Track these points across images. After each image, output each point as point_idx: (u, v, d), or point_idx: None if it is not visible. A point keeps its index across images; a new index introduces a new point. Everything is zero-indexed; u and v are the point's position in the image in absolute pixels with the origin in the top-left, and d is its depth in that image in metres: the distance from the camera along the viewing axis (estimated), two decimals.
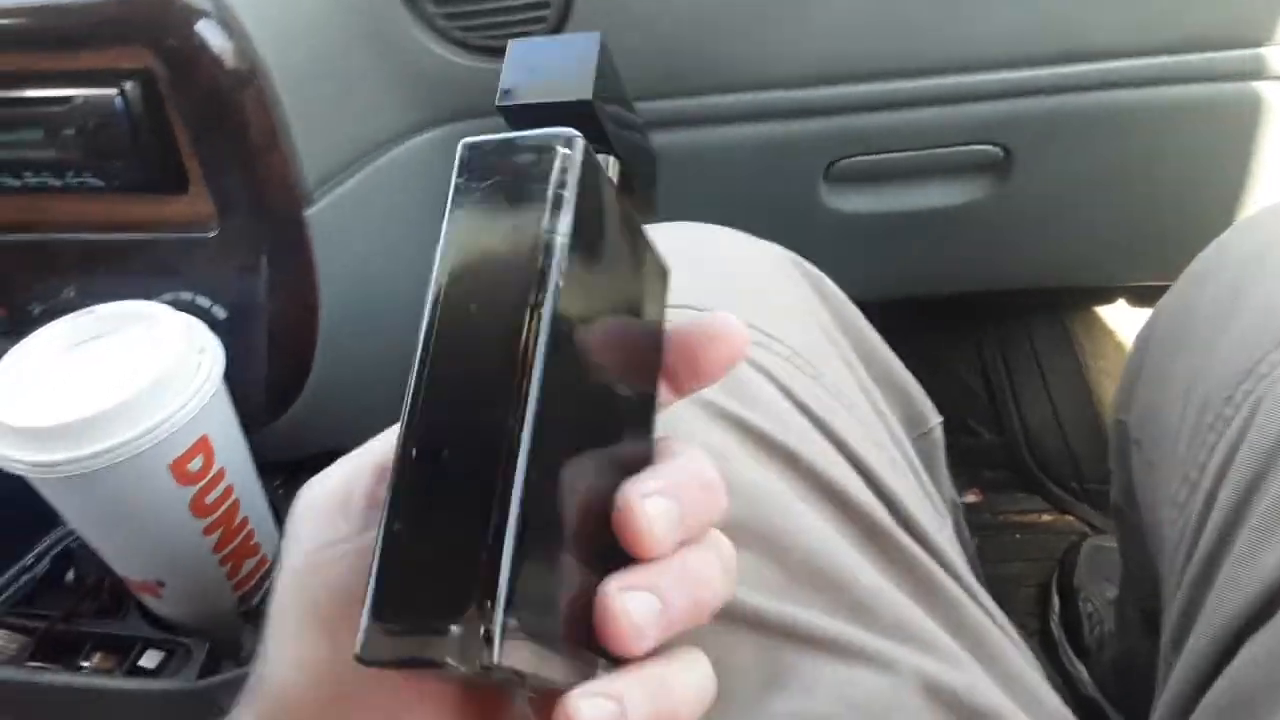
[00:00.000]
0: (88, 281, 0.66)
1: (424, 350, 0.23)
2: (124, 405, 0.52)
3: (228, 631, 0.65)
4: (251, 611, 0.65)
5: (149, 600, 0.64)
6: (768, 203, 0.79)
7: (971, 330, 1.14)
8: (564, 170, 0.22)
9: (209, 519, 0.59)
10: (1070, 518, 1.02)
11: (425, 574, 0.21)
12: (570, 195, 0.22)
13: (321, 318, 0.66)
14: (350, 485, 0.25)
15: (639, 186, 0.30)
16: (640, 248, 0.27)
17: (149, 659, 0.62)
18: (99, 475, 0.53)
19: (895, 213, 0.81)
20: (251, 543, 0.64)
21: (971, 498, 1.02)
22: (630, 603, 0.22)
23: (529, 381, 0.21)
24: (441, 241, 0.23)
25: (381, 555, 0.21)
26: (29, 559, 0.67)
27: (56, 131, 0.61)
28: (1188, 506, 0.43)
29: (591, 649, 0.23)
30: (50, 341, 0.58)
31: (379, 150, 0.70)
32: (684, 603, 0.23)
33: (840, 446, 0.42)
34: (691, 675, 0.24)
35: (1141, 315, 0.57)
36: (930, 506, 0.44)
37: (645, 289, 0.28)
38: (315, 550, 0.25)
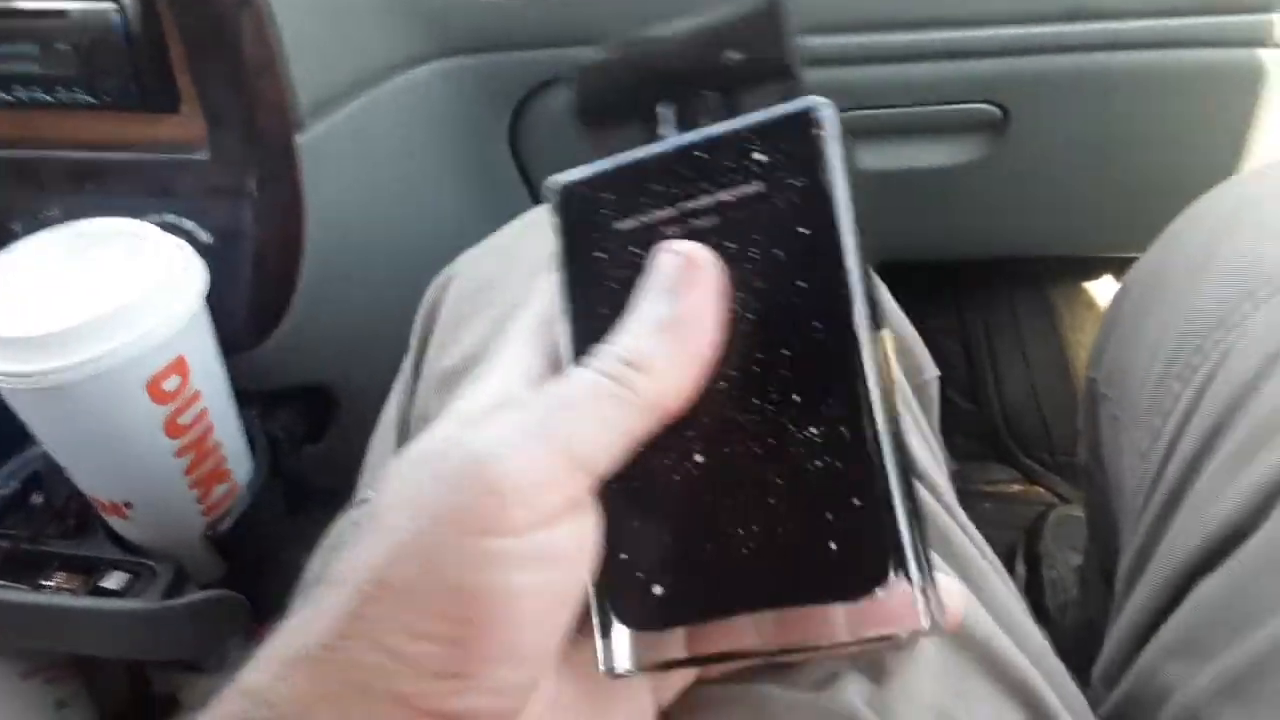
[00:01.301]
0: (74, 201, 0.65)
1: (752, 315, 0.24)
2: (102, 318, 0.52)
3: (195, 555, 0.65)
4: (218, 537, 0.65)
5: (116, 522, 0.64)
6: None
7: (954, 298, 1.14)
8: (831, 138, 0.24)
9: (182, 440, 0.59)
10: (1040, 488, 1.03)
11: (833, 547, 0.22)
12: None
13: (307, 247, 0.66)
14: (544, 477, 0.22)
15: None
16: None
17: (113, 580, 0.62)
18: (73, 388, 0.53)
19: (887, 171, 0.80)
20: (223, 468, 0.64)
21: None
22: None
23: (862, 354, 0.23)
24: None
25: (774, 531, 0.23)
26: None
27: (51, 46, 0.60)
28: (1150, 455, 0.43)
29: None
30: (32, 254, 0.58)
31: (376, 80, 0.69)
32: None
33: None
34: None
35: None
36: (928, 449, 0.44)
37: None
38: (481, 535, 0.22)
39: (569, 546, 0.23)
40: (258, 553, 0.67)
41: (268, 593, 0.69)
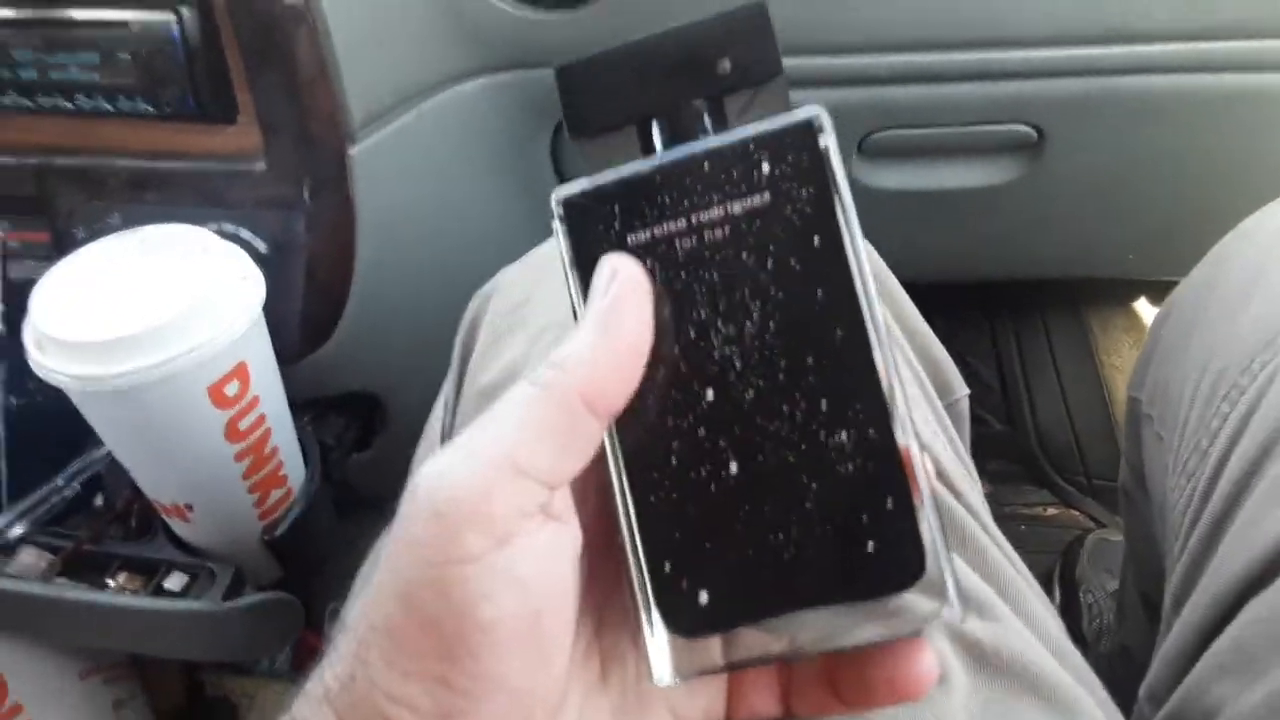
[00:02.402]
0: (133, 208, 0.67)
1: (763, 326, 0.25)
2: (168, 323, 0.54)
3: (252, 558, 0.67)
4: (275, 540, 0.66)
5: (177, 524, 0.65)
6: None
7: (987, 319, 1.15)
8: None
9: (241, 445, 0.61)
10: (1076, 512, 1.03)
11: (870, 547, 0.23)
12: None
13: (358, 258, 0.68)
14: (488, 491, 0.22)
15: None
16: None
17: (174, 581, 0.64)
18: (139, 391, 0.54)
19: (925, 191, 0.81)
20: (280, 473, 0.65)
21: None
22: None
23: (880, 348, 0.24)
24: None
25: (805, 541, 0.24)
26: (59, 480, 0.68)
27: (111, 55, 0.62)
28: (1196, 474, 0.44)
29: None
30: (96, 259, 0.59)
31: (426, 94, 0.70)
32: None
33: None
34: None
35: None
36: (962, 467, 0.45)
37: None
38: (443, 565, 0.21)
39: (534, 565, 0.22)
40: (310, 557, 0.68)
41: (317, 597, 0.70)
